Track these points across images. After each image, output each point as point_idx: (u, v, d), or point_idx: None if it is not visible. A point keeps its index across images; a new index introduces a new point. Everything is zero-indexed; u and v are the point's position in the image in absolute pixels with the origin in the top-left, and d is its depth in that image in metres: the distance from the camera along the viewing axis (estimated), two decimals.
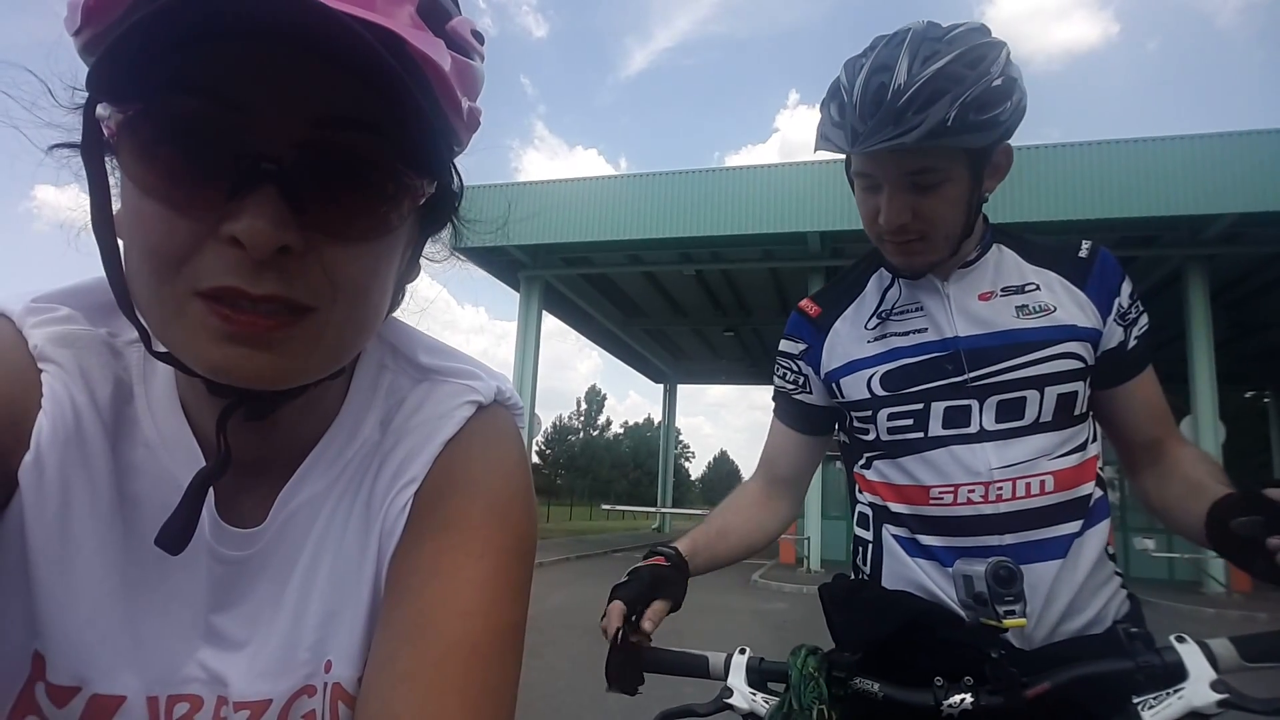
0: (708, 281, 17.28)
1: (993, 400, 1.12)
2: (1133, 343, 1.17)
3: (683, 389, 31.96)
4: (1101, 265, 1.18)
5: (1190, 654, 0.90)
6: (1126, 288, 1.18)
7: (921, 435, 1.15)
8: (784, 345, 1.35)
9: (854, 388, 1.22)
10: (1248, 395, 27.00)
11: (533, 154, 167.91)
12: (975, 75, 1.01)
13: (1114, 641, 1.01)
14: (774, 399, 1.40)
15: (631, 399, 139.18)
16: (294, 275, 0.44)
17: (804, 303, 1.35)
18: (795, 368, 1.33)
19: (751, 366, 25.94)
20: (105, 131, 0.43)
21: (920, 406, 1.15)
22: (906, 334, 1.19)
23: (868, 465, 1.23)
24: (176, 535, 0.49)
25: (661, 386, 30.14)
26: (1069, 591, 1.07)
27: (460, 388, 0.63)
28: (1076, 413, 1.13)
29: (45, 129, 0.48)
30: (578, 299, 18.12)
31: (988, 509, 1.09)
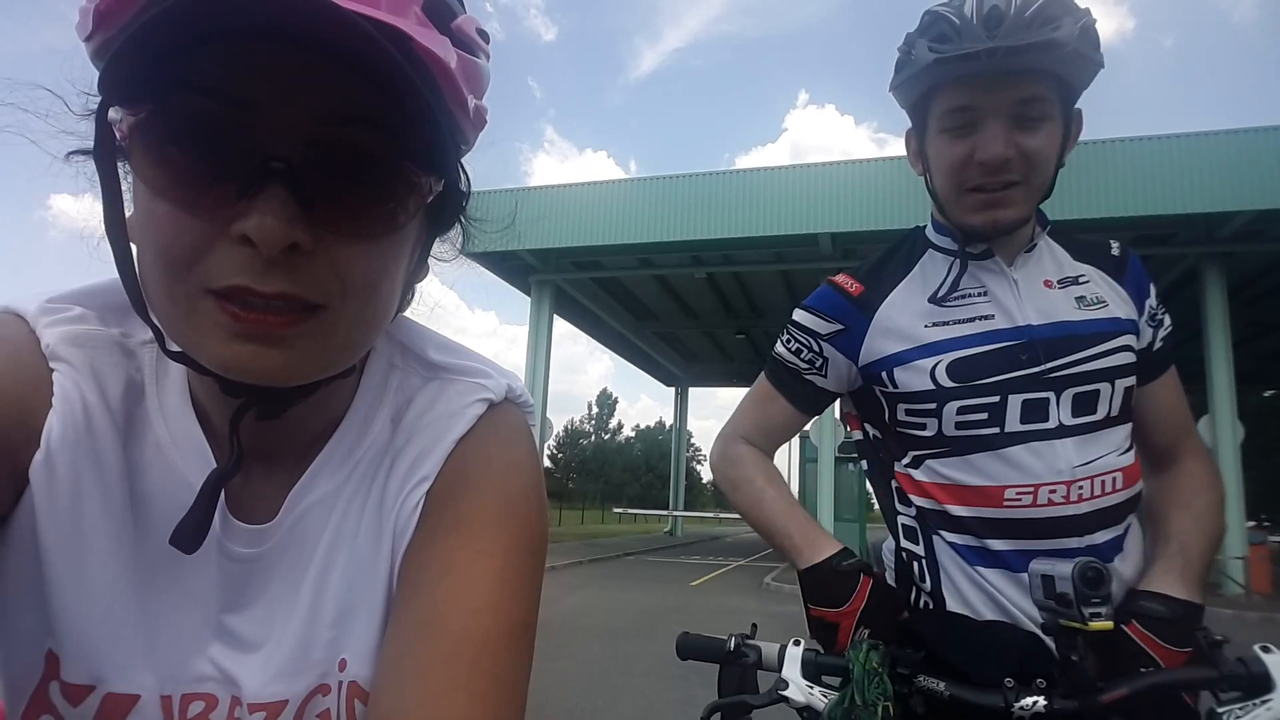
0: (719, 284, 17.26)
1: (1069, 393, 1.06)
2: (1159, 344, 1.17)
3: (694, 392, 31.98)
4: (1133, 265, 1.18)
5: (1277, 665, 0.88)
6: (1153, 289, 1.18)
7: (997, 430, 1.06)
8: (807, 319, 1.21)
9: (912, 378, 1.10)
10: (1267, 394, 26.68)
11: (543, 157, 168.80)
12: (1082, 9, 1.01)
13: (1196, 648, 0.96)
14: (774, 368, 1.27)
15: (643, 402, 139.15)
16: (303, 273, 0.44)
17: (841, 278, 1.20)
18: (816, 348, 1.19)
19: (763, 369, 25.79)
20: (117, 135, 0.44)
21: (996, 399, 1.07)
22: (971, 320, 1.11)
23: (916, 464, 1.13)
24: (191, 535, 0.50)
25: (673, 390, 30.16)
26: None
27: (471, 385, 0.63)
28: (1131, 405, 1.12)
29: (62, 137, 0.49)
30: (589, 302, 18.15)
31: (1070, 509, 1.03)
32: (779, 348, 1.26)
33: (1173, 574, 1.03)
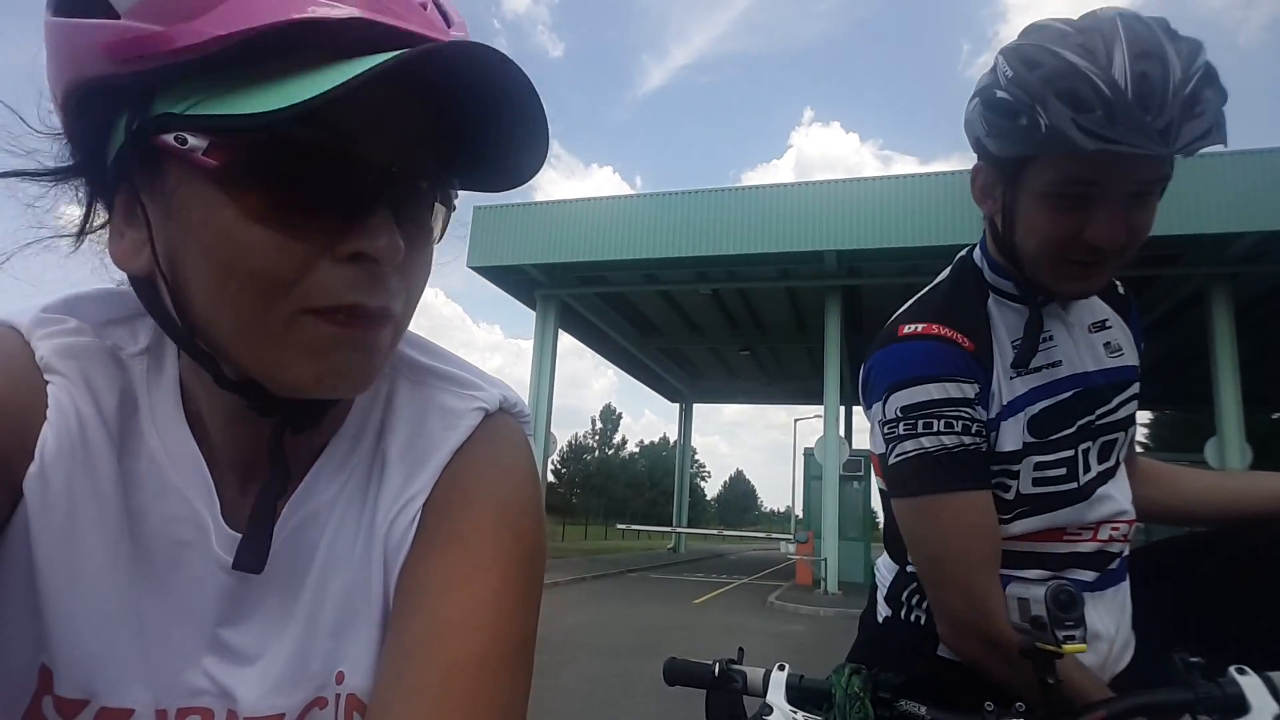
0: (724, 300, 17.29)
1: (1100, 441, 1.06)
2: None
3: (699, 408, 31.89)
4: (1134, 306, 1.18)
5: (1252, 686, 0.87)
6: None
7: (1075, 485, 1.02)
8: (952, 391, 0.99)
9: (1010, 436, 1.01)
10: (1275, 416, 26.53)
11: (549, 173, 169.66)
12: (1213, 70, 0.88)
13: (1172, 670, 0.96)
14: (949, 467, 0.99)
15: (647, 418, 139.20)
16: (390, 287, 0.49)
17: (947, 333, 1.02)
18: (978, 416, 1.00)
19: (767, 385, 25.82)
20: (190, 163, 0.44)
21: (1071, 453, 1.02)
22: (1040, 369, 1.05)
23: None
24: (254, 555, 0.53)
25: (677, 405, 30.08)
26: (1126, 617, 1.08)
27: (466, 396, 0.62)
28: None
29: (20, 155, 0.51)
30: (594, 317, 18.18)
31: (1116, 546, 1.05)
32: (930, 444, 1.00)
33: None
